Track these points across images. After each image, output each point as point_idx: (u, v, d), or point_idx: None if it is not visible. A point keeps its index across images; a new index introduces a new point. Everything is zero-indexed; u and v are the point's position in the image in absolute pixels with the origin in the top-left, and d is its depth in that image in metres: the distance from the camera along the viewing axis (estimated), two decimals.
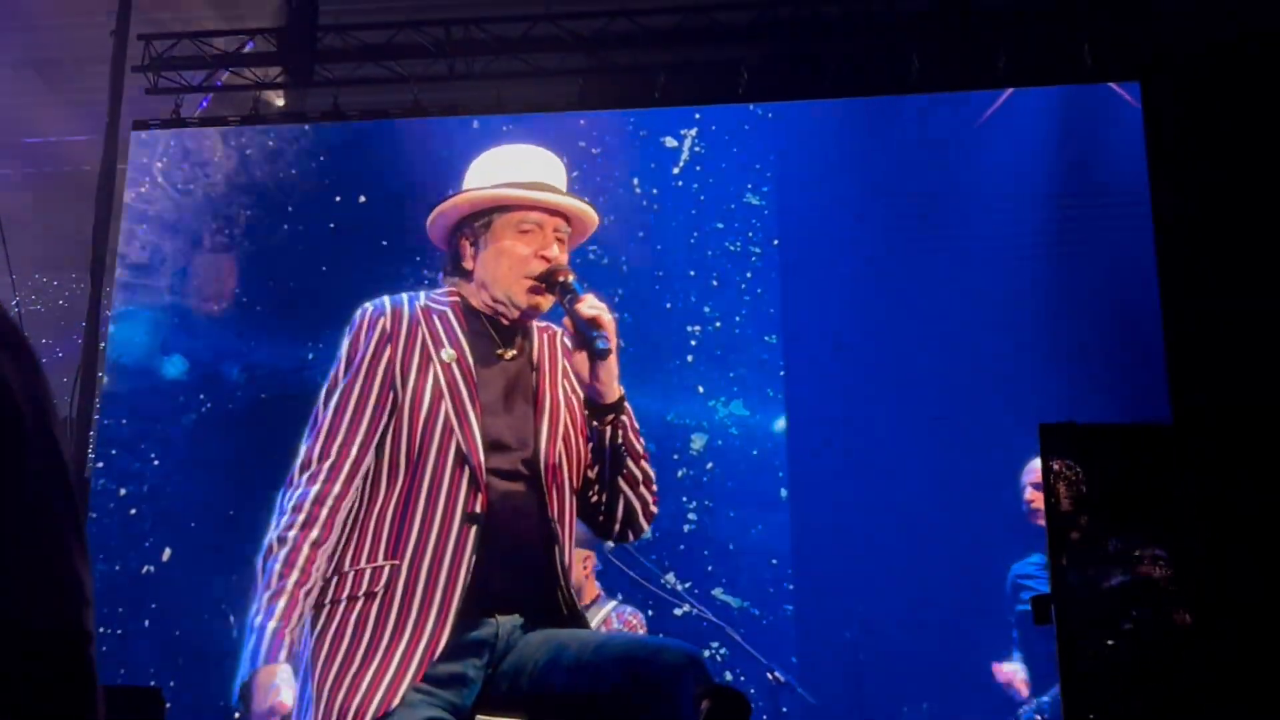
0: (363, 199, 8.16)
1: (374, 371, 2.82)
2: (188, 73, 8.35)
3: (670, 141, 7.93)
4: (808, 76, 7.83)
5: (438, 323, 2.89)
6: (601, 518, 2.98)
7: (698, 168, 7.88)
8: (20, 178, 9.27)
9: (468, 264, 2.96)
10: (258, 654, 2.57)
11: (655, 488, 3.00)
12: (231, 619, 7.51)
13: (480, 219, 2.95)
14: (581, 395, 2.95)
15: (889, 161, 7.72)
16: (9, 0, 8.44)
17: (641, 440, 2.96)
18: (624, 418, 2.89)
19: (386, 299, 2.92)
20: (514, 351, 2.94)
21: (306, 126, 8.43)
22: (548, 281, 2.88)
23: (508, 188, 2.94)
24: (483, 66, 8.15)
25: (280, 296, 8.11)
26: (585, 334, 2.80)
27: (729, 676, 6.69)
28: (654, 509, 3.00)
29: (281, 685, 2.56)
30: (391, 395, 2.80)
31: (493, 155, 3.06)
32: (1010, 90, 7.64)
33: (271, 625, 2.59)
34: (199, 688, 7.41)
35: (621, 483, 2.92)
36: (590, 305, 2.81)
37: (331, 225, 8.16)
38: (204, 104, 8.55)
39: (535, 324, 3.02)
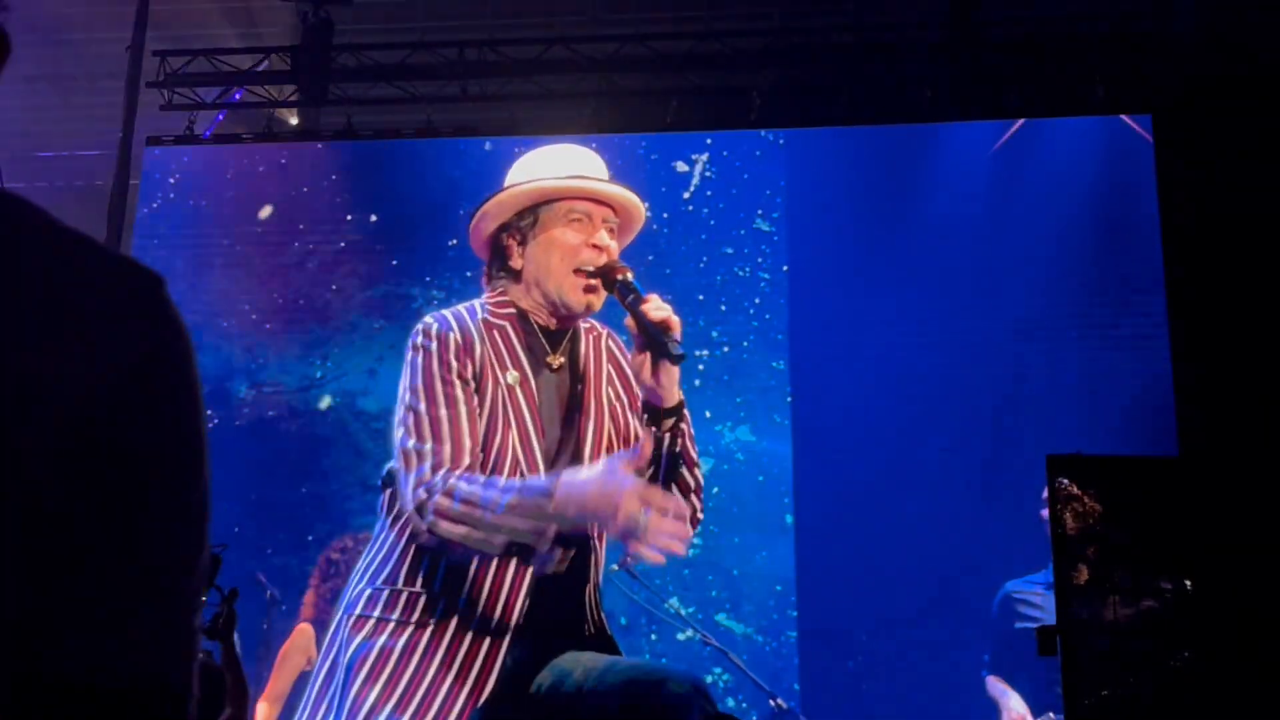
0: (374, 218, 8.18)
1: (465, 380, 2.73)
2: (202, 89, 8.39)
3: (681, 166, 7.94)
4: (820, 103, 7.85)
5: (499, 340, 2.81)
6: None
7: (708, 193, 7.89)
8: (33, 191, 9.29)
9: (515, 263, 2.89)
10: (541, 490, 2.51)
11: (702, 496, 2.94)
12: (236, 638, 7.50)
13: (527, 215, 2.88)
14: (625, 400, 2.90)
15: (900, 190, 7.73)
16: (25, 13, 8.46)
17: (695, 447, 2.90)
18: (683, 424, 2.82)
19: (449, 315, 2.83)
20: (561, 359, 2.88)
21: (319, 145, 8.46)
22: (605, 279, 2.82)
23: (553, 180, 2.89)
24: (496, 88, 8.19)
25: (290, 314, 8.12)
26: (656, 338, 2.71)
27: (731, 703, 6.66)
28: (700, 517, 2.93)
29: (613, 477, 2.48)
30: (478, 407, 2.73)
31: (533, 155, 3.01)
32: (1022, 120, 7.65)
33: (518, 486, 2.55)
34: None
35: (675, 490, 2.85)
36: (657, 307, 2.74)
37: (342, 244, 8.17)
38: (218, 120, 8.58)
39: (581, 324, 2.96)
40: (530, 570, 2.67)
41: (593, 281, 2.84)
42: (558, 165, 2.94)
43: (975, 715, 5.64)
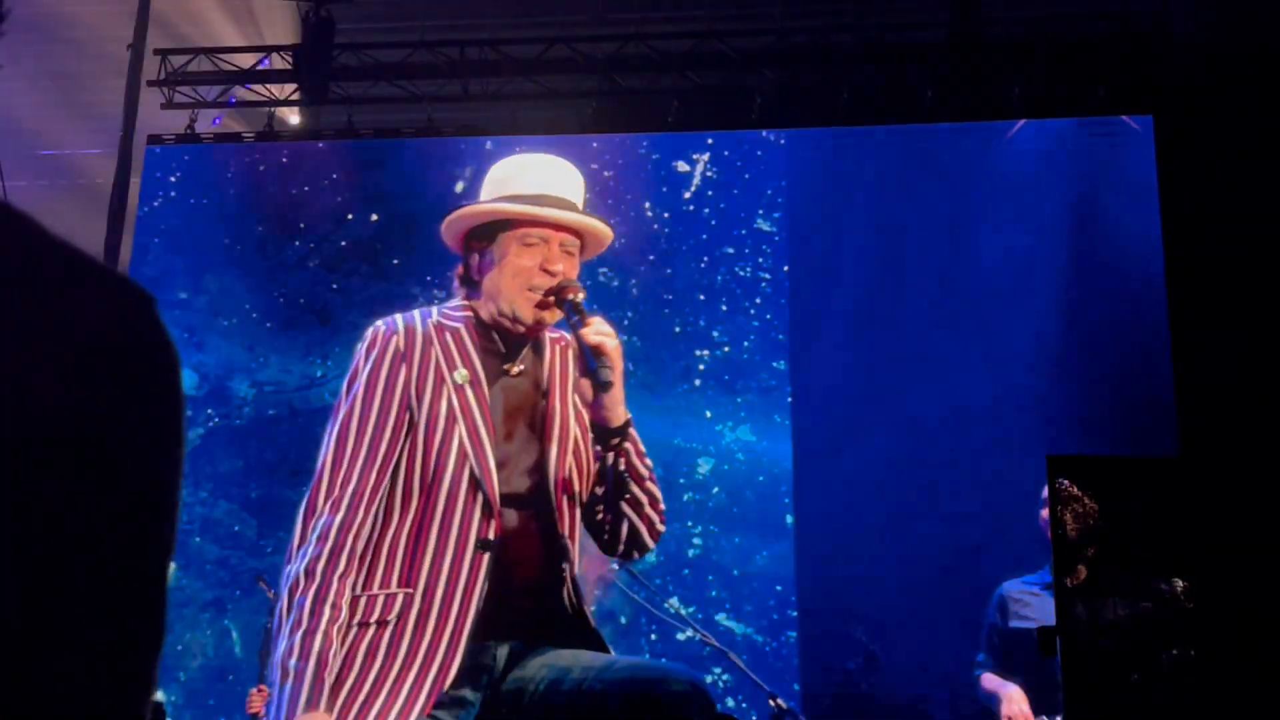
0: (375, 217, 8.19)
1: (390, 393, 2.78)
2: (203, 88, 8.39)
3: (682, 166, 7.95)
4: (821, 104, 7.84)
5: (450, 341, 2.85)
6: (606, 537, 2.95)
7: (709, 192, 7.89)
8: (34, 189, 9.31)
9: (475, 276, 2.94)
10: (298, 699, 2.50)
11: (662, 507, 2.95)
12: (235, 634, 7.51)
13: (485, 232, 2.92)
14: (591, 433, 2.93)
15: (900, 190, 7.73)
16: (27, 13, 8.47)
17: (648, 462, 2.91)
18: (628, 444, 2.84)
19: (399, 318, 2.88)
20: (521, 366, 2.92)
21: (320, 144, 8.46)
22: (556, 298, 2.84)
23: (511, 201, 2.90)
24: (497, 88, 8.18)
25: (290, 313, 8.12)
26: (588, 360, 2.75)
27: (731, 703, 6.67)
28: (660, 528, 2.95)
29: None
30: (407, 416, 2.77)
31: (507, 164, 3.02)
32: (1023, 121, 7.65)
33: (310, 668, 2.53)
34: (201, 702, 7.41)
35: (625, 506, 2.88)
36: (595, 332, 2.76)
37: (343, 243, 8.18)
38: (218, 120, 8.58)
39: (548, 334, 2.98)
40: (487, 556, 2.70)
41: (547, 299, 2.86)
42: (527, 182, 2.94)
43: (975, 716, 5.63)
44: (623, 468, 2.84)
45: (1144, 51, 7.53)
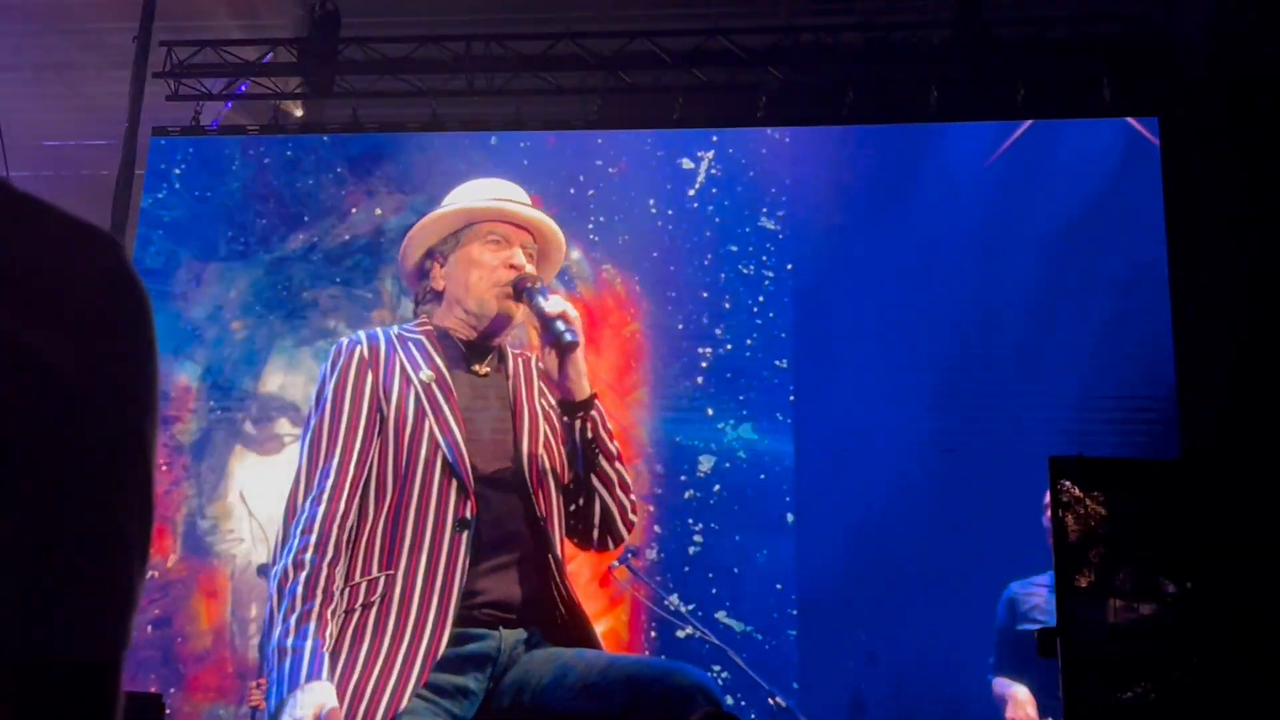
0: (379, 211, 8.18)
1: (359, 395, 2.87)
2: (208, 80, 8.39)
3: (687, 163, 7.94)
4: (827, 102, 7.84)
5: (413, 348, 2.97)
6: (580, 525, 3.02)
7: (714, 190, 7.88)
8: (39, 180, 9.30)
9: (438, 284, 3.08)
10: (298, 672, 2.55)
11: (633, 495, 3.03)
12: (235, 628, 7.51)
13: (449, 239, 3.08)
14: (557, 412, 3.00)
15: (904, 190, 7.72)
16: (32, 3, 8.49)
17: (615, 442, 3.00)
18: (595, 414, 2.93)
19: (362, 333, 3.01)
20: (488, 368, 3.03)
21: (325, 138, 8.45)
22: (515, 289, 2.98)
23: (471, 202, 3.09)
24: (502, 83, 8.18)
25: (293, 307, 8.12)
26: (551, 327, 2.87)
27: (730, 701, 6.66)
28: (633, 516, 3.03)
29: (328, 700, 2.54)
30: (378, 417, 2.86)
31: (458, 189, 3.20)
32: (1029, 122, 7.65)
33: (309, 644, 2.58)
34: (200, 696, 7.41)
35: (596, 482, 2.95)
36: (555, 302, 2.90)
37: (347, 237, 8.17)
38: (215, 124, 8.57)
39: (510, 348, 3.12)
40: (465, 535, 2.76)
41: (509, 290, 3.00)
42: (480, 193, 3.13)
43: (976, 717, 5.64)
44: (591, 436, 2.92)
45: (1150, 52, 7.52)
